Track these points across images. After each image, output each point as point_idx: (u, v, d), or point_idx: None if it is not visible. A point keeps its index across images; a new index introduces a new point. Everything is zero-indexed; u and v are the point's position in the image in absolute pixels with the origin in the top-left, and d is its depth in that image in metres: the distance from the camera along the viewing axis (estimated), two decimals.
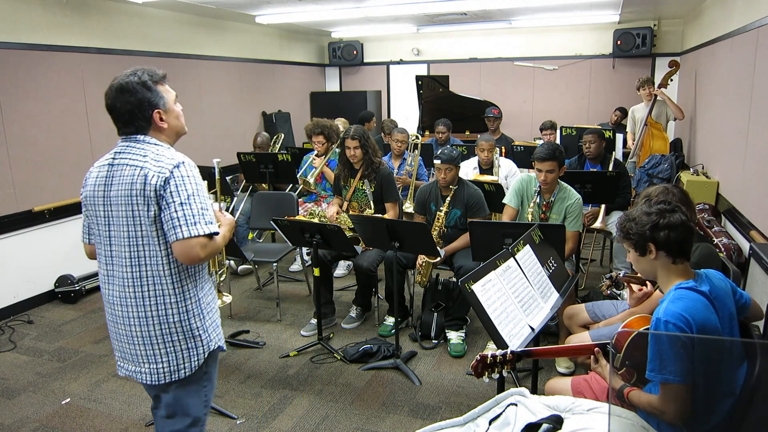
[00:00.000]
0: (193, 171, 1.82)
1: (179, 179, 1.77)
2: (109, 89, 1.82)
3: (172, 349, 1.87)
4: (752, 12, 3.88)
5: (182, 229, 1.74)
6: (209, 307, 1.96)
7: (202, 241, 1.76)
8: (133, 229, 1.81)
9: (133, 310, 1.85)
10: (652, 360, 1.69)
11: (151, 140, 1.86)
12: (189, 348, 1.89)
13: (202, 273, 1.96)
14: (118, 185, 1.81)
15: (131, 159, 1.82)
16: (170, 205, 1.75)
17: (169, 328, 1.85)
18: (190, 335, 1.88)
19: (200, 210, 1.78)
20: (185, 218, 1.75)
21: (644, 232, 1.85)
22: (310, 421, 2.95)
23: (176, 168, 1.78)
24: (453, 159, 3.70)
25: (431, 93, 7.62)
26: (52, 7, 4.65)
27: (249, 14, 6.28)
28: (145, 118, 1.84)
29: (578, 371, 3.22)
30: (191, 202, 1.76)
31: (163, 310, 1.84)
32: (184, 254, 1.76)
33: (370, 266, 3.81)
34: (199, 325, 1.90)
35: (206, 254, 1.79)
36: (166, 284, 1.84)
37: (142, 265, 1.82)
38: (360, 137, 4.03)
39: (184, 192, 1.76)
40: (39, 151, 4.54)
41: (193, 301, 1.88)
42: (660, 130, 5.83)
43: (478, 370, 1.85)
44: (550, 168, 3.41)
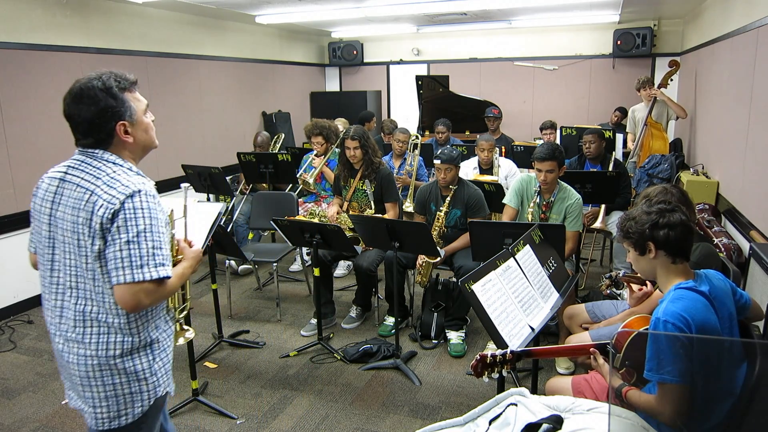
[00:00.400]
0: (150, 202, 1.58)
1: (130, 212, 1.54)
2: (68, 94, 1.62)
3: (113, 393, 1.65)
4: (752, 12, 3.88)
5: (125, 272, 1.52)
6: (161, 347, 1.73)
7: (147, 288, 1.54)
8: (77, 260, 1.59)
9: (74, 346, 1.63)
10: (651, 359, 1.69)
11: (110, 157, 1.63)
12: (132, 393, 1.67)
13: (157, 310, 1.73)
14: (65, 206, 1.60)
15: (83, 179, 1.60)
16: (115, 242, 1.53)
17: (110, 369, 1.63)
18: (134, 378, 1.66)
19: (150, 250, 1.55)
20: (130, 259, 1.52)
21: (644, 231, 1.85)
22: (310, 421, 2.95)
23: (129, 198, 1.55)
24: (453, 159, 3.70)
25: (431, 93, 7.62)
26: (52, 7, 4.65)
27: (249, 14, 6.28)
28: (107, 130, 1.62)
29: (578, 371, 3.22)
30: (140, 240, 1.54)
31: (103, 350, 1.61)
32: (124, 301, 1.55)
33: (370, 266, 3.81)
34: (146, 368, 1.68)
35: (151, 301, 1.58)
36: (112, 322, 1.61)
37: (87, 300, 1.61)
38: (360, 137, 4.03)
39: (133, 228, 1.53)
40: (39, 151, 4.54)
41: (141, 340, 1.66)
42: (660, 130, 5.83)
43: (478, 369, 1.85)
44: (549, 168, 3.41)
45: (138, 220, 1.55)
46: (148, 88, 5.59)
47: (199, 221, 2.78)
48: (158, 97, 5.72)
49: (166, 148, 5.87)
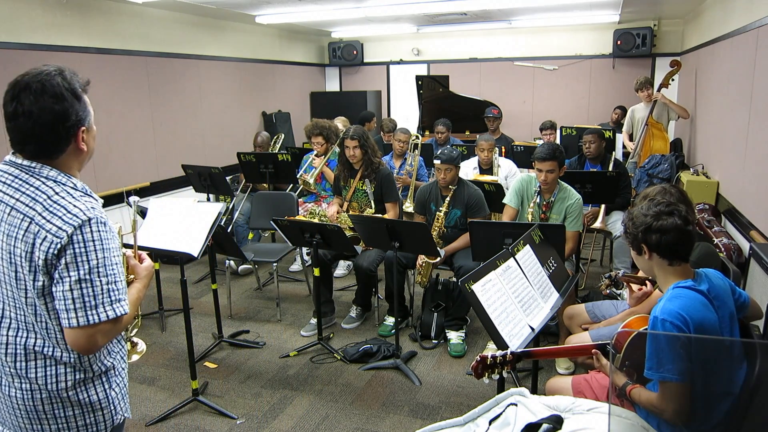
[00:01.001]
0: (102, 231, 1.37)
1: (80, 247, 1.33)
2: (22, 89, 1.35)
3: (65, 426, 1.47)
4: (752, 12, 3.88)
5: (77, 315, 1.34)
6: (116, 372, 1.56)
7: (102, 329, 1.37)
8: (19, 295, 1.40)
9: (15, 382, 1.44)
10: (650, 358, 1.70)
11: (50, 173, 1.39)
12: (87, 424, 1.50)
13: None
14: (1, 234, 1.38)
15: (18, 200, 1.36)
16: (64, 280, 1.33)
17: (62, 402, 1.45)
18: (89, 409, 1.49)
19: (105, 286, 1.37)
20: (83, 300, 1.34)
21: (637, 234, 1.88)
22: (310, 421, 2.95)
23: (78, 230, 1.33)
24: (453, 159, 3.70)
25: (431, 93, 7.62)
26: (52, 7, 4.65)
27: (249, 14, 6.28)
28: (66, 136, 1.39)
29: (578, 371, 3.22)
30: (93, 278, 1.35)
31: (54, 383, 1.43)
32: (78, 345, 1.38)
33: (370, 266, 3.81)
34: (102, 398, 1.51)
35: (107, 341, 1.42)
36: (60, 357, 1.43)
37: (29, 332, 1.43)
38: (359, 137, 4.03)
39: (85, 264, 1.34)
40: None
41: (99, 372, 1.49)
42: (661, 130, 5.83)
43: (478, 371, 1.85)
44: (550, 168, 3.41)
45: (90, 254, 1.34)
46: (148, 88, 5.59)
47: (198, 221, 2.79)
48: (158, 97, 5.72)
49: (166, 148, 5.87)
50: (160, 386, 3.32)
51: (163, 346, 3.84)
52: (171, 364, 3.57)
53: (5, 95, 1.37)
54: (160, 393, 3.25)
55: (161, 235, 2.82)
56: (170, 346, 3.82)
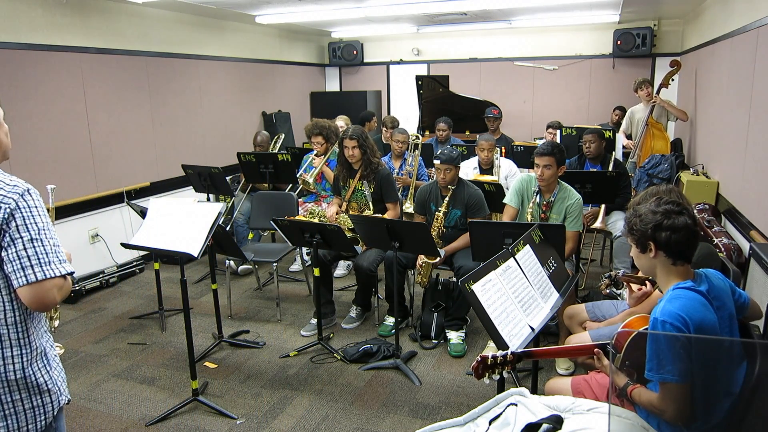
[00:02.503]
0: (38, 200, 1.54)
1: (27, 211, 1.49)
2: None
3: (12, 410, 1.55)
4: (752, 12, 3.88)
5: (34, 271, 1.46)
6: (53, 356, 1.66)
7: (58, 283, 1.51)
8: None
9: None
10: (651, 359, 1.70)
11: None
12: (35, 407, 1.58)
13: (41, 319, 1.66)
14: None
15: None
16: (16, 242, 1.46)
17: (9, 386, 1.53)
18: (36, 391, 1.57)
19: (53, 247, 1.52)
20: (37, 257, 1.47)
21: (646, 231, 1.85)
22: (310, 421, 2.95)
23: (22, 198, 1.49)
24: (453, 159, 3.70)
25: (431, 93, 7.62)
26: (52, 7, 4.65)
27: (249, 14, 6.28)
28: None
29: (578, 371, 3.22)
30: (43, 239, 1.49)
31: (2, 365, 1.51)
32: (37, 299, 1.48)
33: (370, 266, 3.81)
34: (47, 379, 1.60)
35: (62, 297, 1.54)
36: (8, 334, 1.52)
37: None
38: (358, 137, 4.03)
39: (34, 226, 1.49)
40: (39, 151, 4.54)
41: (38, 351, 1.59)
42: (661, 130, 5.84)
43: (478, 371, 1.85)
44: (546, 163, 3.42)
45: (36, 218, 1.51)
46: (148, 88, 5.59)
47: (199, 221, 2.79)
48: (158, 97, 5.72)
49: (166, 148, 5.87)
50: (160, 386, 3.32)
51: (163, 346, 3.84)
52: (171, 364, 3.57)
53: None
54: (160, 393, 3.25)
55: (161, 235, 2.82)
56: (170, 346, 3.82)
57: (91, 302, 4.66)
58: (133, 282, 5.11)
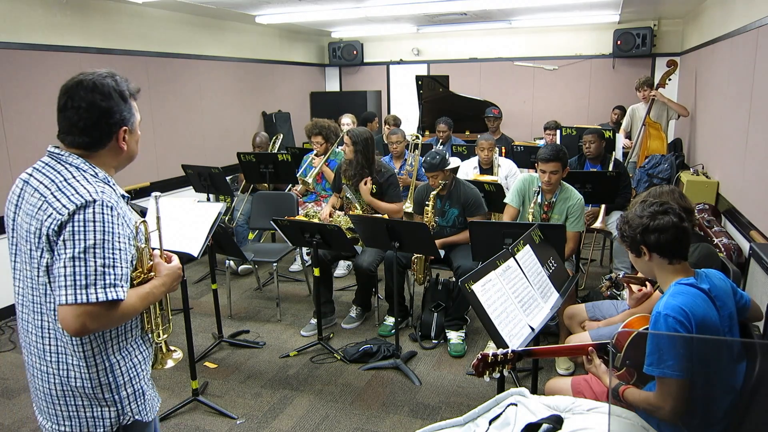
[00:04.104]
0: (106, 214, 1.40)
1: (79, 225, 1.36)
2: (76, 85, 1.48)
3: (75, 414, 1.51)
4: (752, 12, 3.88)
5: (67, 293, 1.35)
6: (133, 373, 1.56)
7: (91, 311, 1.36)
8: (32, 273, 1.45)
9: (36, 361, 1.52)
10: (651, 354, 1.70)
11: (75, 161, 1.48)
12: (95, 416, 1.52)
13: (126, 333, 1.55)
14: (23, 213, 1.46)
15: (41, 183, 1.45)
16: (60, 257, 1.36)
17: (72, 391, 1.49)
18: (96, 403, 1.51)
19: (99, 268, 1.37)
20: (74, 278, 1.35)
21: (635, 235, 1.88)
22: (310, 421, 2.95)
23: (80, 210, 1.37)
24: (435, 166, 3.67)
25: (431, 93, 7.62)
26: (52, 7, 4.64)
27: (249, 14, 6.28)
28: (108, 132, 1.49)
29: (578, 372, 3.22)
30: (88, 258, 1.36)
31: (65, 371, 1.47)
32: (66, 324, 1.37)
33: (370, 266, 3.81)
34: (107, 396, 1.51)
35: (99, 326, 1.40)
36: (68, 343, 1.46)
37: (43, 315, 1.47)
38: (353, 137, 4.05)
39: (80, 243, 1.36)
40: (39, 151, 4.49)
41: (103, 366, 1.49)
42: (658, 130, 5.83)
43: (479, 369, 1.85)
44: (554, 169, 3.41)
45: (88, 233, 1.37)
46: (148, 88, 5.59)
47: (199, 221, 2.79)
48: (158, 97, 5.72)
49: (166, 148, 5.87)
50: (160, 386, 3.32)
51: None
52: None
53: (61, 89, 1.50)
54: (160, 393, 3.19)
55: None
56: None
57: None
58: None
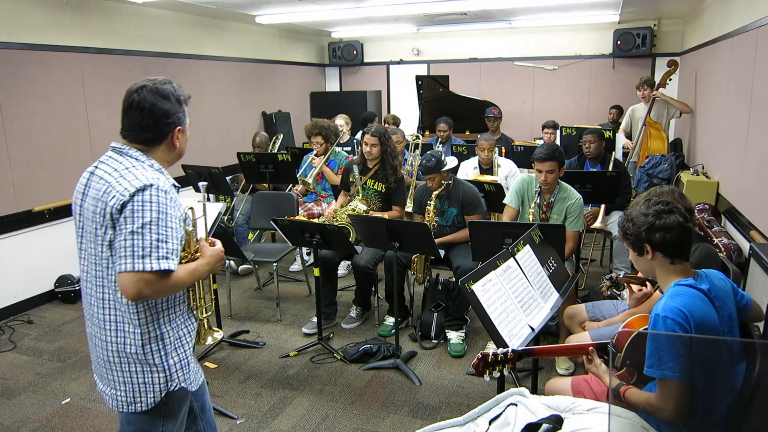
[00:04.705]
0: (160, 197, 1.63)
1: (138, 204, 1.59)
2: (140, 89, 1.71)
3: (129, 379, 1.73)
4: (752, 12, 3.88)
5: (126, 261, 1.57)
6: (179, 343, 1.78)
7: (147, 278, 1.57)
8: (97, 250, 1.68)
9: (97, 331, 1.74)
10: (651, 356, 1.70)
11: (135, 154, 1.71)
12: (147, 382, 1.73)
13: (174, 306, 1.77)
14: (90, 198, 1.69)
15: (105, 171, 1.69)
16: (121, 231, 1.59)
17: (127, 357, 1.71)
18: (147, 369, 1.72)
19: (154, 242, 1.59)
20: (133, 249, 1.57)
21: (640, 233, 1.86)
22: (310, 421, 2.95)
23: (139, 192, 1.60)
24: (431, 170, 3.68)
25: (431, 93, 7.62)
26: (52, 7, 4.64)
27: (249, 14, 6.28)
28: (165, 131, 1.73)
29: (578, 372, 3.22)
30: (145, 232, 1.58)
31: (122, 338, 1.70)
32: (125, 289, 1.59)
33: (368, 264, 3.81)
34: (158, 362, 1.72)
35: (152, 292, 1.61)
36: (126, 312, 1.68)
37: (105, 287, 1.69)
38: (380, 136, 4.06)
39: (139, 219, 1.58)
40: (39, 151, 4.54)
41: (155, 334, 1.71)
42: (659, 130, 5.83)
43: (479, 368, 1.85)
44: (550, 168, 3.41)
45: (145, 212, 1.60)
46: None
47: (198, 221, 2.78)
48: None
49: None
50: None
51: None
52: None
53: (128, 90, 1.73)
54: None
55: None
56: None
57: None
58: None
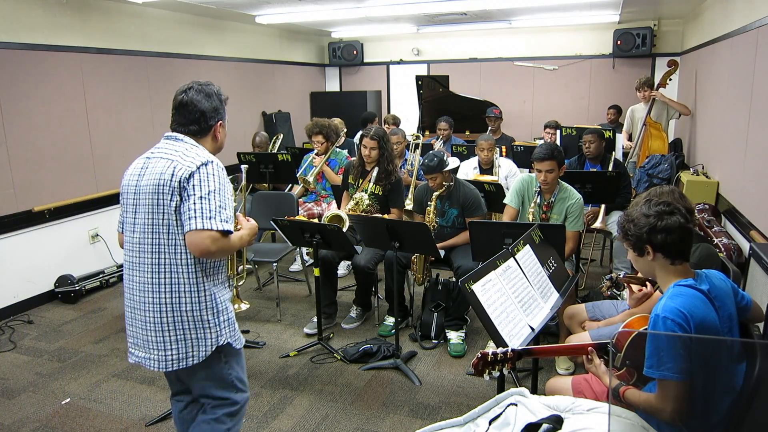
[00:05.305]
0: (219, 171, 1.95)
1: (204, 175, 1.90)
2: (189, 88, 2.02)
3: (182, 337, 1.98)
4: (752, 12, 3.88)
5: (196, 221, 1.85)
6: (225, 305, 2.06)
7: (213, 235, 1.86)
8: (157, 218, 1.93)
9: (149, 296, 1.96)
10: (651, 356, 1.69)
11: (189, 140, 2.02)
12: (198, 338, 1.99)
13: (219, 272, 2.07)
14: (149, 176, 1.96)
15: (165, 153, 1.98)
16: (190, 197, 1.88)
17: (181, 316, 1.96)
18: (200, 326, 1.99)
19: (217, 207, 1.88)
20: (201, 211, 1.85)
21: (641, 235, 1.85)
22: (310, 421, 2.95)
23: (203, 165, 1.92)
24: (433, 169, 3.68)
25: (431, 93, 7.62)
26: (52, 7, 4.64)
27: (249, 14, 6.28)
28: (210, 123, 2.05)
29: (578, 372, 3.22)
30: (210, 198, 1.88)
31: (177, 298, 1.95)
32: (194, 245, 1.86)
33: (368, 263, 3.81)
34: (211, 318, 2.00)
35: (217, 249, 1.87)
36: (182, 273, 1.94)
37: (162, 253, 1.94)
38: (379, 139, 4.04)
39: (205, 187, 1.88)
40: (39, 151, 4.53)
41: (207, 294, 1.99)
42: (659, 130, 5.83)
43: (479, 367, 1.85)
44: (549, 168, 3.41)
45: (210, 182, 1.90)
46: (148, 88, 5.59)
47: None
48: (158, 97, 5.72)
49: None
50: (160, 386, 3.32)
51: None
52: None
53: (178, 91, 2.05)
54: (160, 393, 3.25)
55: None
56: None
57: (91, 302, 4.66)
58: None
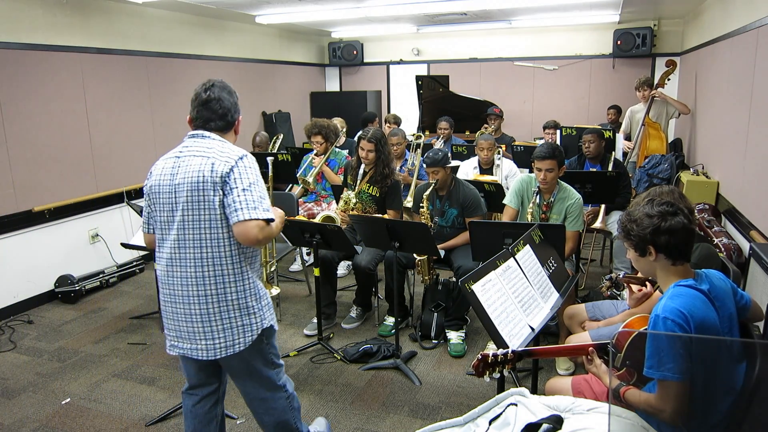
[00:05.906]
0: (254, 164, 2.05)
1: (243, 169, 1.99)
2: (211, 86, 2.14)
3: (228, 325, 2.06)
4: (752, 12, 3.88)
5: (243, 212, 1.93)
6: (263, 290, 2.17)
7: (260, 224, 1.95)
8: (198, 214, 2.00)
9: (193, 290, 2.04)
10: (651, 357, 1.69)
11: (216, 137, 2.10)
12: (244, 324, 2.08)
13: (256, 260, 2.17)
14: (184, 174, 2.01)
15: (197, 151, 2.05)
16: (233, 190, 1.96)
17: (227, 305, 2.05)
18: (246, 312, 2.08)
19: (259, 198, 1.98)
20: (246, 203, 1.94)
21: (645, 235, 1.84)
22: (310, 421, 2.94)
23: (240, 159, 2.01)
24: (437, 162, 3.68)
25: (431, 93, 7.62)
26: (52, 7, 4.64)
27: (249, 14, 6.28)
28: (233, 119, 2.17)
29: (578, 372, 3.22)
30: (252, 190, 1.97)
31: (222, 288, 2.03)
32: (243, 234, 1.95)
33: (368, 264, 3.81)
34: (255, 304, 2.10)
35: (263, 236, 1.96)
36: (226, 264, 2.03)
37: (204, 247, 2.01)
38: (376, 141, 4.03)
39: (246, 180, 1.98)
40: (39, 151, 4.53)
41: (250, 281, 2.08)
42: (657, 130, 5.83)
43: (479, 369, 1.85)
44: (549, 167, 3.41)
45: (249, 175, 2.00)
46: (148, 88, 5.59)
47: None
48: (158, 97, 5.72)
49: (167, 147, 5.84)
50: (160, 386, 3.32)
51: (163, 346, 3.81)
52: (171, 364, 3.57)
53: (200, 89, 2.15)
54: (160, 393, 3.25)
55: None
56: None
57: (91, 302, 4.66)
58: (133, 282, 5.11)
